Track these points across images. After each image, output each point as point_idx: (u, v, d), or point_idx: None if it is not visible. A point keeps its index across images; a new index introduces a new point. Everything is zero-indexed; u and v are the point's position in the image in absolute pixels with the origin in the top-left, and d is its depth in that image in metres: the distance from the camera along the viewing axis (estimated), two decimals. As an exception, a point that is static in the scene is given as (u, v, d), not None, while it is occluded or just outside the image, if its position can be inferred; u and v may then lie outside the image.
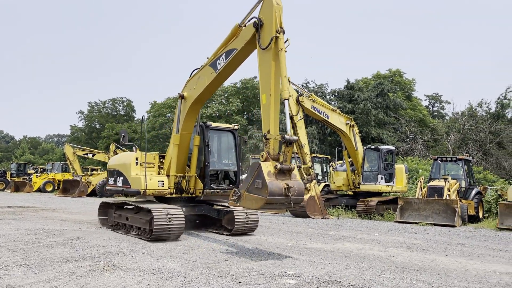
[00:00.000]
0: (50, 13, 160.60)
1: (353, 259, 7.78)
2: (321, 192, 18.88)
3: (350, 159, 18.82)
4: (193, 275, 6.13)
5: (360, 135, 19.38)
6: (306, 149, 16.54)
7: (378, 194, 17.99)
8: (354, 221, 15.30)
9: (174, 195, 10.58)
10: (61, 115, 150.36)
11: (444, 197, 15.03)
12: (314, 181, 16.47)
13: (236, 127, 11.48)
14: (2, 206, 18.64)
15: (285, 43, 7.67)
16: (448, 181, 15.70)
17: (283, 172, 7.22)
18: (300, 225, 13.60)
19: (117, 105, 63.66)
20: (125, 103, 63.78)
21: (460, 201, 15.21)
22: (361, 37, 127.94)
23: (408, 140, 36.92)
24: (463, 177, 16.90)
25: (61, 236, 9.68)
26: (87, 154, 34.51)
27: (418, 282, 6.09)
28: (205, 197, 10.74)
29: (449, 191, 15.37)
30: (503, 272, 7.09)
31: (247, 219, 10.39)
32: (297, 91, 17.30)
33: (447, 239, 11.11)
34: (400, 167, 18.65)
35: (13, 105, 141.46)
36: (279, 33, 7.60)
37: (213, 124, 11.08)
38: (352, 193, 19.15)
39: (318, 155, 25.08)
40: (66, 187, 30.47)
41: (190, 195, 10.81)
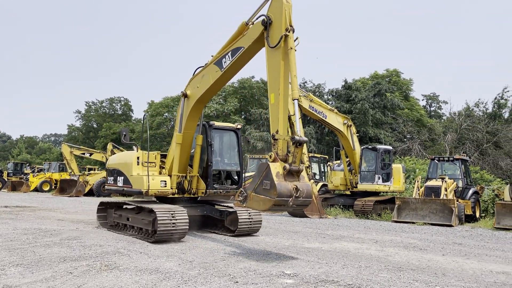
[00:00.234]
0: (48, 12, 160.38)
1: (350, 258, 7.80)
2: (318, 191, 18.91)
3: (348, 159, 18.84)
4: (191, 274, 6.13)
5: (358, 135, 19.40)
6: (304, 149, 16.53)
7: (375, 193, 18.03)
8: (352, 221, 15.33)
9: (176, 195, 10.38)
10: (58, 114, 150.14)
11: (441, 197, 15.06)
12: (312, 181, 16.49)
13: (239, 126, 11.28)
14: (-2, 205, 18.58)
15: (294, 41, 7.53)
16: (445, 181, 15.75)
17: (292, 174, 7.10)
18: (298, 224, 13.61)
19: (114, 104, 63.52)
20: (122, 103, 63.64)
21: (457, 200, 15.24)
22: (359, 37, 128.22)
23: (405, 140, 36.98)
24: (460, 177, 16.96)
25: (58, 235, 9.66)
26: (84, 154, 34.39)
27: (415, 282, 6.11)
28: (207, 197, 10.57)
29: (446, 190, 15.42)
30: (500, 271, 7.12)
31: (250, 220, 10.24)
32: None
33: (444, 238, 11.15)
34: (397, 167, 18.72)
35: (10, 104, 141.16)
36: (288, 32, 7.46)
37: (216, 123, 10.87)
38: (350, 193, 19.18)
39: (315, 154, 25.12)
40: (63, 187, 30.37)
41: (192, 195, 10.61)
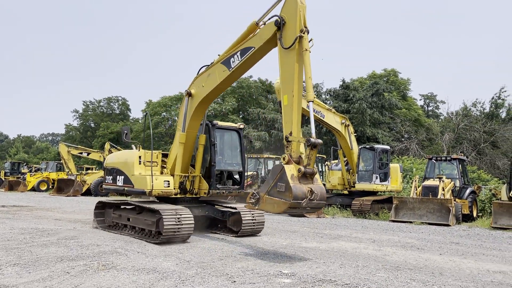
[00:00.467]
0: (45, 11, 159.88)
1: (348, 258, 7.81)
2: (316, 191, 18.85)
3: (345, 159, 18.85)
4: (188, 274, 6.12)
5: (355, 134, 19.40)
6: (301, 148, 16.53)
7: (373, 193, 18.04)
8: (349, 220, 15.34)
9: (178, 196, 10.23)
10: (55, 114, 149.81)
11: (439, 196, 15.09)
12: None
13: (241, 126, 11.17)
14: (-5, 205, 18.52)
15: (309, 42, 7.49)
16: (443, 181, 15.77)
17: (305, 176, 7.08)
18: (295, 224, 13.61)
19: (112, 104, 63.50)
20: (120, 102, 63.61)
21: (455, 200, 15.28)
22: (357, 36, 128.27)
23: (403, 139, 37.07)
24: (457, 177, 16.99)
25: (55, 235, 9.64)
26: (81, 153, 34.30)
27: (412, 281, 6.12)
28: (208, 197, 10.47)
29: (443, 190, 15.45)
30: (497, 270, 7.14)
31: (254, 221, 10.15)
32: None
33: (442, 238, 11.17)
34: (395, 167, 18.73)
35: (8, 104, 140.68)
36: (303, 33, 7.41)
37: (219, 123, 10.77)
38: (347, 192, 19.19)
39: (313, 154, 25.07)
40: (60, 186, 30.28)
41: (194, 196, 10.47)
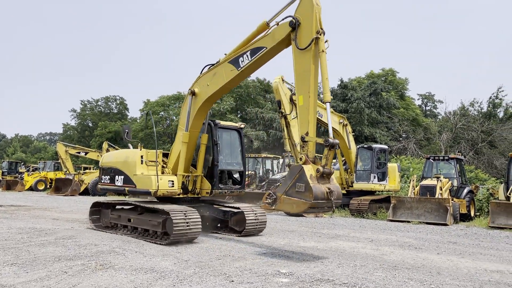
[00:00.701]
0: (45, 11, 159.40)
1: (345, 257, 7.82)
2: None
3: (343, 158, 18.87)
4: (186, 274, 6.12)
5: (353, 134, 19.42)
6: (299, 148, 16.55)
7: (371, 193, 18.06)
8: (347, 220, 15.36)
9: (180, 196, 10.12)
10: (53, 113, 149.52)
11: (436, 196, 15.12)
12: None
13: (242, 126, 11.14)
14: (-7, 205, 18.47)
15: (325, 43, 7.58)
16: (440, 180, 15.81)
17: (323, 176, 7.22)
18: (293, 223, 13.62)
19: (110, 103, 63.34)
20: (118, 102, 63.46)
21: (452, 199, 15.30)
22: (355, 36, 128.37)
23: (401, 139, 37.10)
24: (455, 176, 17.02)
25: (53, 235, 9.62)
26: (79, 153, 34.22)
27: (410, 280, 6.13)
28: (209, 197, 10.44)
29: (441, 190, 15.48)
30: (494, 270, 7.16)
31: (257, 220, 10.13)
32: (291, 90, 17.30)
33: (439, 237, 11.19)
34: (393, 166, 18.76)
35: (5, 103, 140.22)
36: (320, 35, 7.50)
37: (221, 123, 10.77)
38: (345, 192, 19.18)
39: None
40: (58, 186, 30.23)
41: (196, 196, 10.40)
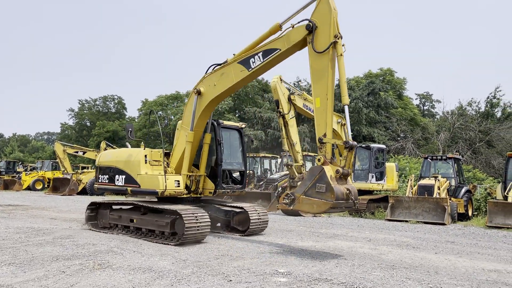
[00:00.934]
0: (44, 10, 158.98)
1: (343, 257, 7.82)
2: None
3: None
4: (184, 273, 6.12)
5: (351, 133, 19.44)
6: (298, 148, 16.50)
7: (369, 192, 18.08)
8: (345, 219, 15.38)
9: (184, 195, 10.04)
10: (51, 112, 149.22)
11: (434, 196, 15.13)
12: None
13: (243, 125, 11.15)
14: (-10, 204, 18.43)
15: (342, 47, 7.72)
16: (438, 180, 15.82)
17: (341, 177, 7.45)
18: (291, 223, 13.62)
19: (108, 102, 63.22)
20: (116, 101, 63.36)
21: (450, 199, 15.33)
22: (353, 36, 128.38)
23: (399, 138, 37.14)
24: (453, 176, 17.04)
25: (50, 234, 9.60)
26: (77, 152, 34.12)
27: (408, 280, 6.14)
28: (209, 197, 10.43)
29: (439, 189, 15.49)
30: (492, 269, 7.18)
31: (260, 220, 10.16)
32: (289, 90, 17.30)
33: (437, 237, 11.21)
34: (391, 166, 18.78)
35: (3, 102, 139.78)
36: (338, 38, 7.66)
37: (224, 122, 10.76)
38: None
39: (309, 153, 25.09)
40: (56, 185, 30.14)
41: (198, 195, 10.37)
